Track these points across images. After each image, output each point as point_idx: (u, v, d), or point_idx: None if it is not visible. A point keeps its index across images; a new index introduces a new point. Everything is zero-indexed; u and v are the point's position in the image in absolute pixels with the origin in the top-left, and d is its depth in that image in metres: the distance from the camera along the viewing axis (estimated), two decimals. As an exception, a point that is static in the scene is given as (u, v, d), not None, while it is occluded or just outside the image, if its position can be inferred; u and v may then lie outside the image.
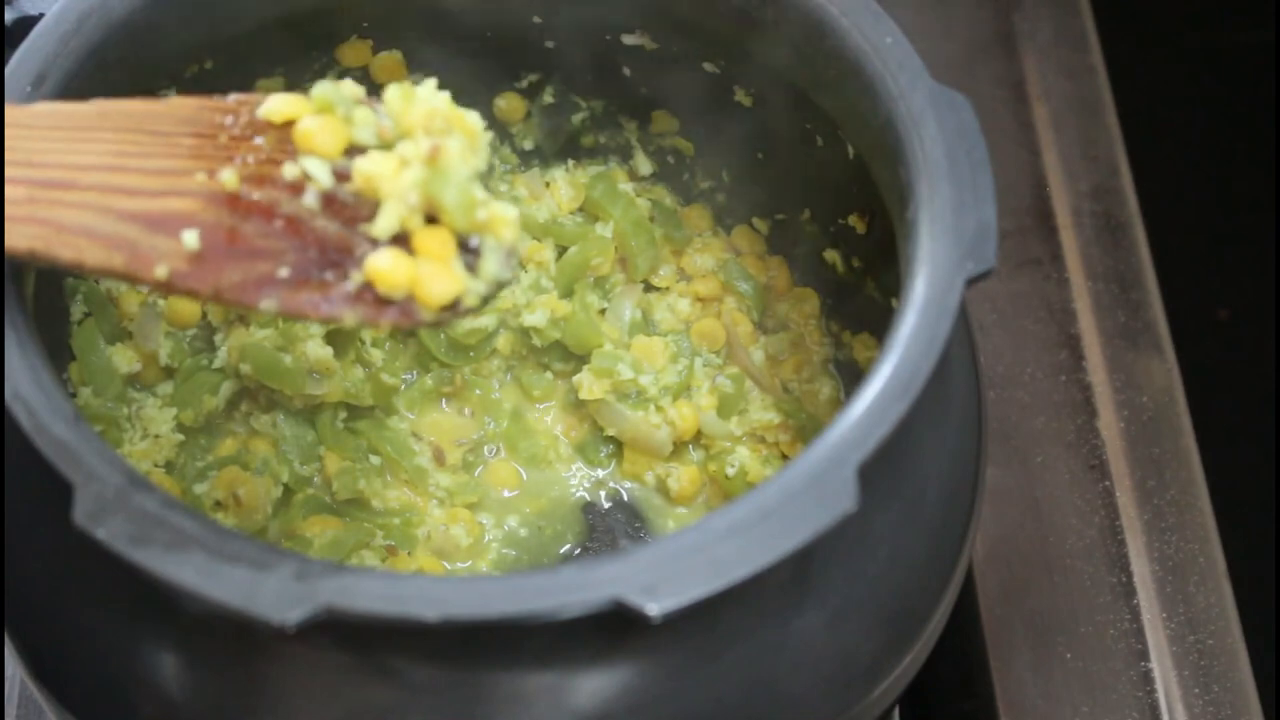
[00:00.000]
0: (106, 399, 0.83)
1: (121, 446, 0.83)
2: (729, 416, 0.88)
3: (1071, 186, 1.11)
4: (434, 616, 0.55)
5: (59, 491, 0.58)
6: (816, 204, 0.88)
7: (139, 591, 0.61)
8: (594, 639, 0.61)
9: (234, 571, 0.56)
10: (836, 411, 0.62)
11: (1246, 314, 1.29)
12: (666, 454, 0.88)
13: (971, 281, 0.64)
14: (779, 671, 0.65)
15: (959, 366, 0.74)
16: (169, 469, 0.84)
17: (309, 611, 0.55)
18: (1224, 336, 1.29)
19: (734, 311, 0.91)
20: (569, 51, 0.88)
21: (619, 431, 0.88)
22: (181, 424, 0.85)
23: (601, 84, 0.90)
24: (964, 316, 0.76)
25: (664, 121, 0.91)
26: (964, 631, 0.94)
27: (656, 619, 0.56)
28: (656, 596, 0.56)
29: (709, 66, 0.84)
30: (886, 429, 0.60)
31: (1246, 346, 1.27)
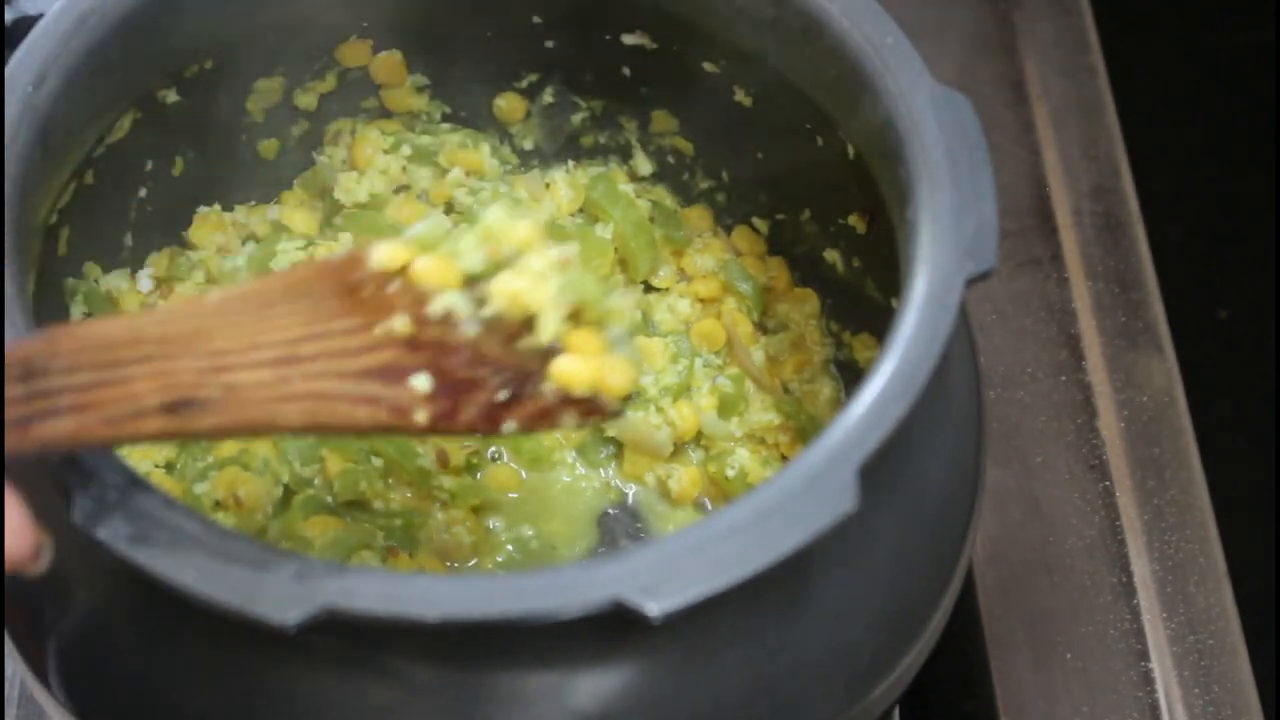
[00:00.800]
0: (106, 399, 0.83)
1: (121, 447, 0.83)
2: (729, 417, 0.88)
3: (1071, 186, 1.11)
4: (434, 616, 0.55)
5: (59, 491, 0.58)
6: (816, 204, 0.87)
7: (139, 591, 0.61)
8: (594, 639, 0.61)
9: (234, 571, 0.56)
10: (837, 412, 0.62)
11: (1246, 314, 1.29)
12: (667, 454, 0.88)
13: (971, 281, 0.64)
14: (779, 671, 0.65)
15: (959, 366, 0.74)
16: (169, 469, 0.84)
17: (309, 611, 0.55)
18: (1224, 336, 1.29)
19: (734, 312, 0.91)
20: (569, 51, 0.88)
21: (619, 432, 0.88)
22: (181, 424, 0.84)
23: (601, 84, 0.90)
24: (964, 316, 0.76)
25: (664, 121, 0.91)
26: (964, 631, 0.94)
27: (656, 619, 0.56)
28: (656, 596, 0.56)
29: (709, 66, 0.84)
30: (886, 429, 0.60)
31: (1246, 346, 1.27)
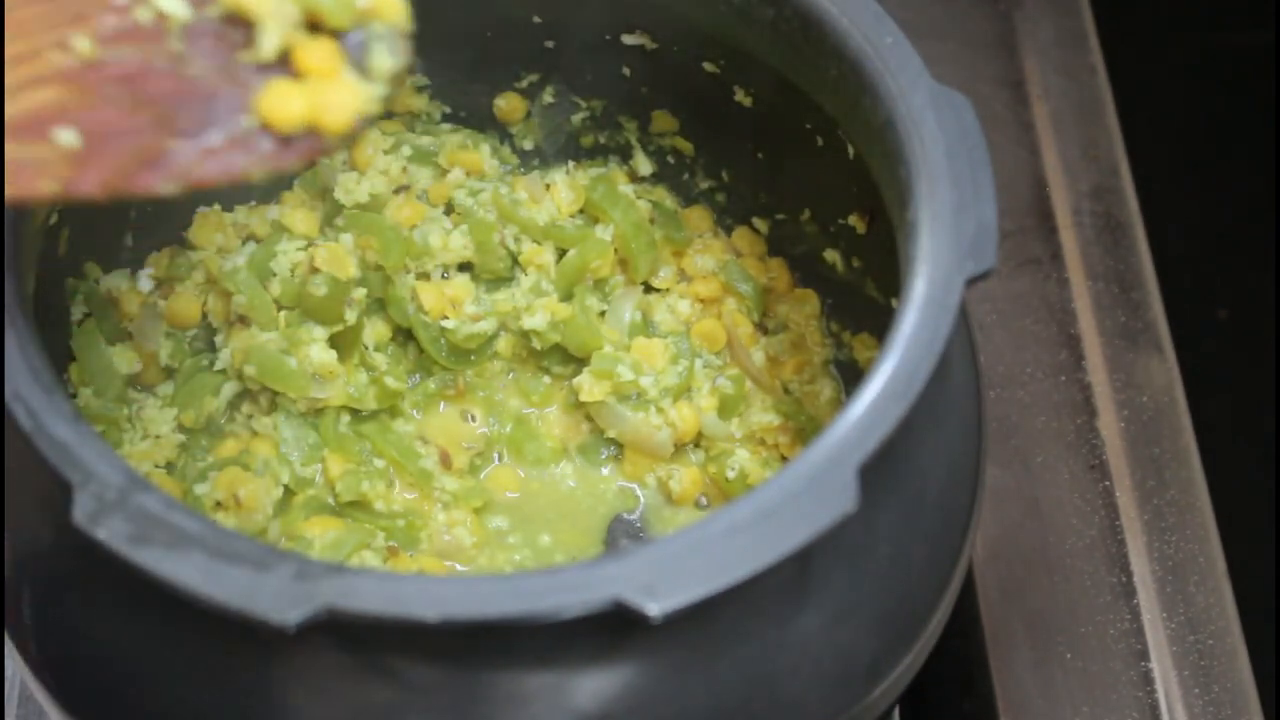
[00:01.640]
0: (107, 399, 0.83)
1: (121, 447, 0.83)
2: (729, 418, 0.88)
3: (1071, 186, 1.11)
4: (434, 616, 0.55)
5: (59, 491, 0.58)
6: (816, 204, 0.88)
7: (139, 591, 0.61)
8: (594, 639, 0.61)
9: (234, 572, 0.56)
10: (837, 413, 0.62)
11: (1246, 314, 1.29)
12: (667, 455, 0.88)
13: (971, 281, 0.64)
14: (779, 671, 0.65)
15: (959, 366, 0.74)
16: (169, 470, 0.84)
17: (309, 612, 0.55)
18: (1224, 336, 1.29)
19: (734, 313, 0.91)
20: (569, 51, 0.88)
21: (620, 433, 0.88)
22: (182, 425, 0.85)
23: (601, 84, 0.90)
24: (964, 316, 0.76)
25: (664, 121, 0.91)
26: (964, 631, 0.94)
27: (656, 619, 0.56)
28: (656, 596, 0.56)
29: (709, 66, 0.84)
30: (886, 429, 0.60)
31: (1246, 346, 1.27)
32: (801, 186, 0.87)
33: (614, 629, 0.60)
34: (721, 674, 0.64)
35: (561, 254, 0.90)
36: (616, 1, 0.83)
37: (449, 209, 0.90)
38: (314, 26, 0.56)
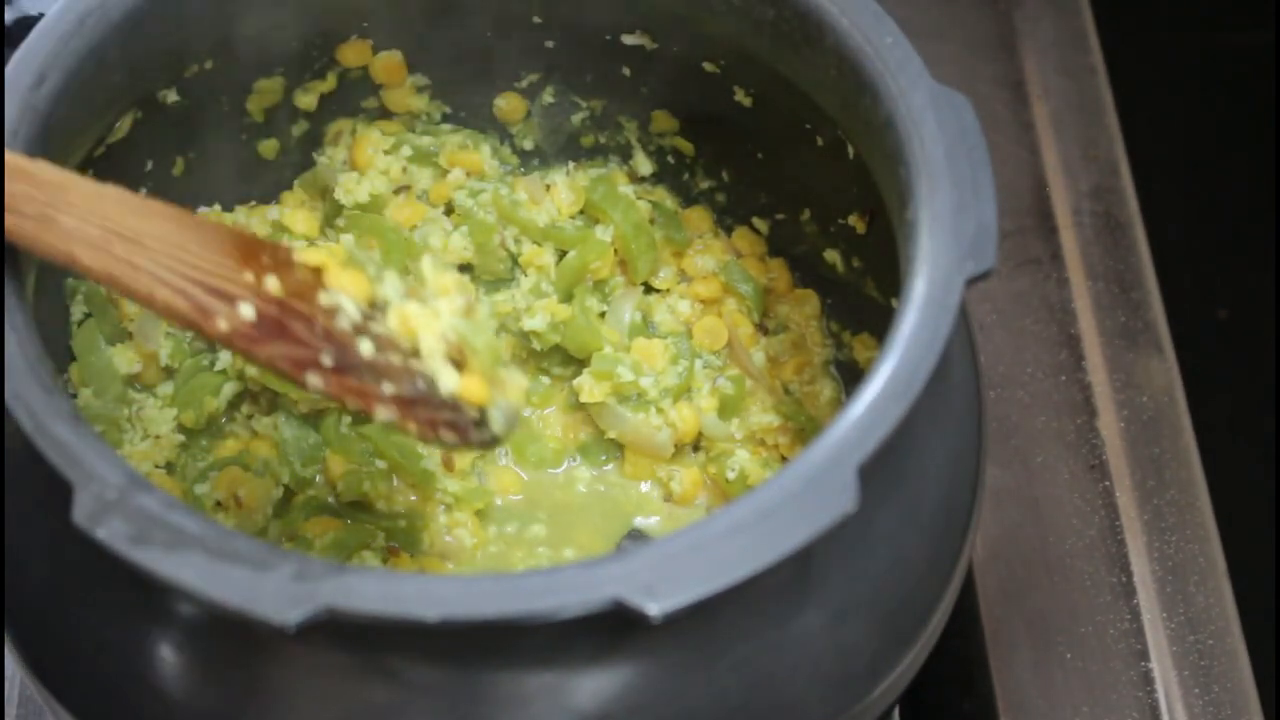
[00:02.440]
0: (107, 399, 0.83)
1: (121, 447, 0.83)
2: (730, 418, 0.88)
3: (1071, 186, 1.11)
4: (434, 616, 0.55)
5: (59, 491, 0.58)
6: (816, 204, 0.88)
7: (139, 591, 0.61)
8: (594, 639, 0.61)
9: (234, 571, 0.56)
10: (837, 413, 0.62)
11: (1246, 314, 1.29)
12: (668, 456, 0.88)
13: (971, 281, 0.64)
14: (779, 671, 0.65)
15: (959, 366, 0.74)
16: (169, 470, 0.84)
17: (309, 612, 0.55)
18: (1224, 336, 1.29)
19: (734, 313, 0.91)
20: (569, 51, 0.88)
21: (620, 434, 0.88)
22: (182, 425, 0.85)
23: (601, 84, 0.90)
24: (964, 316, 0.76)
25: (664, 121, 0.91)
26: (964, 631, 0.94)
27: (656, 619, 0.56)
28: (656, 596, 0.56)
29: (709, 66, 0.84)
30: (886, 429, 0.60)
31: (1246, 346, 1.27)
32: (801, 186, 0.87)
33: (614, 629, 0.60)
34: (721, 674, 0.64)
35: (561, 255, 0.90)
36: (616, 1, 0.83)
37: (449, 209, 0.90)
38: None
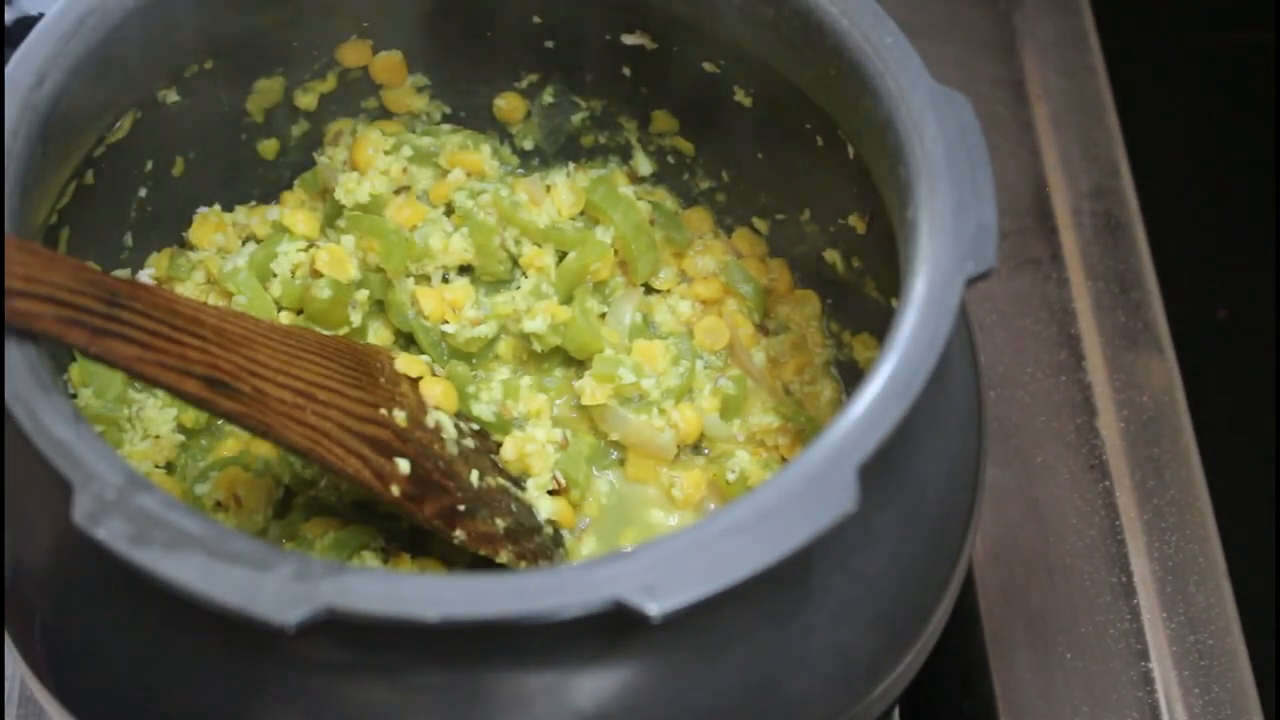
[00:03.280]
0: (107, 399, 0.83)
1: (122, 447, 0.83)
2: (732, 418, 0.88)
3: (1071, 186, 1.11)
4: (434, 616, 0.55)
5: (59, 491, 0.58)
6: (816, 204, 0.87)
7: (139, 591, 0.61)
8: (594, 639, 0.61)
9: (234, 572, 0.56)
10: (837, 413, 0.62)
11: (1246, 314, 1.29)
12: (670, 457, 0.88)
13: (971, 281, 0.64)
14: (779, 671, 0.65)
15: (959, 366, 0.74)
16: (169, 470, 0.84)
17: (309, 612, 0.55)
18: (1224, 336, 1.29)
19: (735, 314, 0.91)
20: (569, 51, 0.88)
21: (622, 436, 0.87)
22: (182, 425, 0.84)
23: (601, 84, 0.90)
24: (964, 316, 0.76)
25: (664, 121, 0.91)
26: (964, 631, 0.94)
27: (656, 619, 0.56)
28: (656, 596, 0.56)
29: (709, 66, 0.84)
30: (886, 429, 0.60)
31: (1246, 346, 1.27)
32: (801, 186, 0.87)
33: (614, 629, 0.60)
34: (721, 674, 0.64)
35: (562, 256, 0.90)
36: (616, 1, 0.83)
37: (449, 210, 0.90)
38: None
